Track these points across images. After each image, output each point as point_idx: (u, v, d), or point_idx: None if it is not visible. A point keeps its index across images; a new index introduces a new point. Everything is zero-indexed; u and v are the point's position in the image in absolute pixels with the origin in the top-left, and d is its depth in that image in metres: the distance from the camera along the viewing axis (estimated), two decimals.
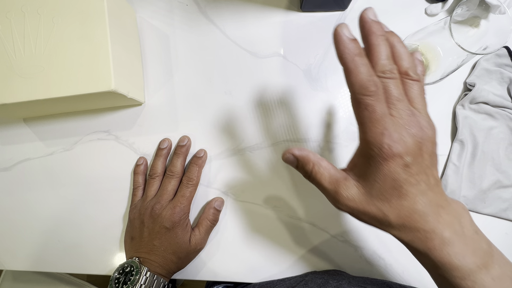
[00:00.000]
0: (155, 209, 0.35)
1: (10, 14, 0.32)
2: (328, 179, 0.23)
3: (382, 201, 0.21)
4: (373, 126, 0.20)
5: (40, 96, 0.31)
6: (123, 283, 0.31)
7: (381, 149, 0.20)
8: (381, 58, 0.21)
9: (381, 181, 0.20)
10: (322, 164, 0.23)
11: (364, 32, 0.22)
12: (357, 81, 0.20)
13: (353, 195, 0.22)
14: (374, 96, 0.20)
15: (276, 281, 0.36)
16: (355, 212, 0.22)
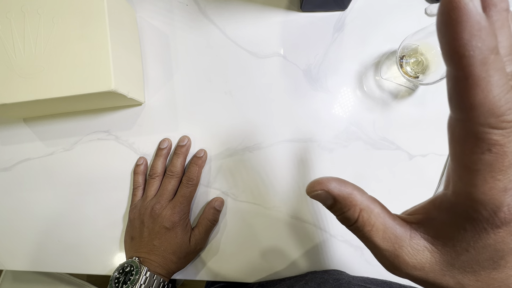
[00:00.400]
0: (155, 209, 0.35)
1: (10, 14, 0.32)
2: (383, 234, 0.15)
3: (466, 273, 0.15)
4: (493, 178, 0.13)
5: (40, 96, 0.31)
6: (123, 283, 0.31)
7: (497, 213, 0.13)
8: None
9: (477, 251, 0.14)
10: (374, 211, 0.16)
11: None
12: (487, 101, 0.11)
13: (423, 262, 0.15)
14: (509, 131, 0.11)
15: (276, 281, 0.36)
16: (418, 281, 0.16)
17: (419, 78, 0.35)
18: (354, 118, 0.39)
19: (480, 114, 0.11)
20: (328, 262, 0.37)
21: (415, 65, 0.36)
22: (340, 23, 0.40)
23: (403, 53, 0.35)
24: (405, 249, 0.15)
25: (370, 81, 0.39)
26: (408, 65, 0.36)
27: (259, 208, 0.38)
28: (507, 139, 0.11)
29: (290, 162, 0.39)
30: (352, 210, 0.16)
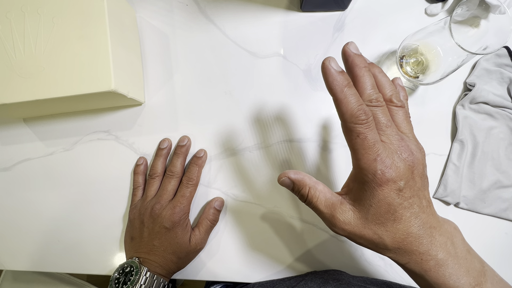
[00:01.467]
0: (155, 209, 0.35)
1: (10, 14, 0.32)
2: (324, 203, 0.23)
3: (378, 225, 0.21)
4: (366, 153, 0.20)
5: (40, 96, 0.31)
6: (123, 283, 0.31)
7: (375, 175, 0.20)
8: (367, 88, 0.22)
9: (376, 206, 0.21)
10: (318, 188, 0.24)
11: (348, 65, 0.22)
12: (348, 110, 0.20)
13: (349, 219, 0.22)
14: (365, 124, 0.20)
15: (276, 281, 0.36)
16: (351, 235, 0.22)
17: (419, 78, 0.35)
18: None
19: (347, 118, 0.20)
20: (328, 262, 0.37)
21: (415, 65, 0.36)
22: (340, 23, 0.40)
23: (403, 53, 0.35)
24: (338, 211, 0.22)
25: None
26: (408, 65, 0.36)
27: (259, 208, 0.38)
28: (366, 129, 0.20)
29: (290, 161, 0.39)
30: (304, 189, 0.24)
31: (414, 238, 0.21)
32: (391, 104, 0.24)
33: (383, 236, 0.21)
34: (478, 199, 0.37)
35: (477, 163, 0.37)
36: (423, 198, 0.22)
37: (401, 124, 0.24)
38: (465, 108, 0.38)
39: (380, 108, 0.22)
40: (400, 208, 0.21)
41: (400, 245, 0.21)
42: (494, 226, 0.37)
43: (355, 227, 0.22)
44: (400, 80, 0.28)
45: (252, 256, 0.38)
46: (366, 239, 0.22)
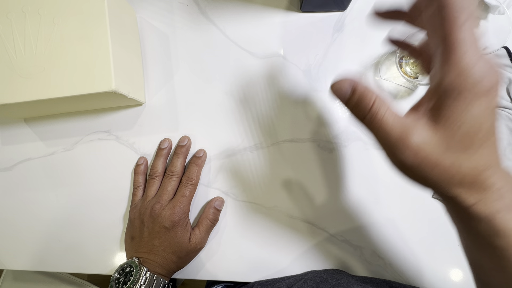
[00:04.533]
0: (155, 209, 0.35)
1: (11, 14, 0.32)
2: (393, 119, 0.17)
3: (461, 149, 0.17)
4: (472, 46, 0.15)
5: (41, 96, 0.31)
6: (123, 284, 0.31)
7: (481, 80, 0.15)
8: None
9: (469, 123, 0.16)
10: (385, 101, 0.18)
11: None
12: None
13: (427, 141, 0.17)
14: (470, 16, 0.16)
15: (276, 280, 0.36)
16: (423, 164, 0.17)
17: (418, 79, 0.35)
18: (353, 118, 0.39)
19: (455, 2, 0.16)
20: (328, 262, 0.37)
21: (415, 66, 0.36)
22: (340, 24, 0.40)
23: (402, 53, 0.35)
24: (412, 132, 0.17)
25: (370, 81, 0.39)
26: (408, 66, 0.36)
27: (259, 208, 0.39)
28: (474, 18, 0.15)
29: (290, 162, 0.39)
30: (368, 98, 0.18)
31: (494, 170, 0.17)
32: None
33: (463, 164, 0.17)
34: None
35: None
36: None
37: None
38: None
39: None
40: (492, 129, 0.17)
41: (478, 177, 0.17)
42: None
43: (434, 151, 0.17)
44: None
45: (252, 256, 0.38)
46: (441, 170, 0.17)
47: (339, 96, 0.19)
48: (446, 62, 0.16)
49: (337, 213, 0.38)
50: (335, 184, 0.38)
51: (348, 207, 0.38)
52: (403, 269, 0.37)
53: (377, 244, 0.37)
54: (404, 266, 0.37)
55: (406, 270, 0.37)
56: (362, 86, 0.18)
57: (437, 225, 0.37)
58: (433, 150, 0.17)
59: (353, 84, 0.18)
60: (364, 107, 0.18)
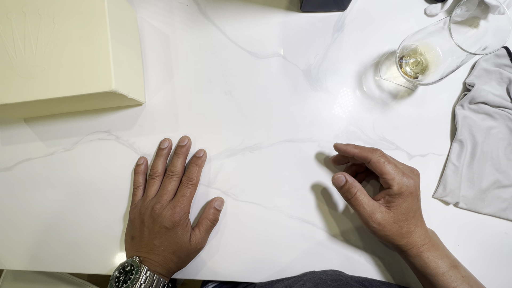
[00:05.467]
0: (155, 209, 0.35)
1: (11, 14, 0.32)
2: (367, 203, 0.32)
3: (402, 221, 0.31)
4: (396, 173, 0.31)
5: (41, 96, 0.31)
6: (123, 282, 0.31)
7: (408, 187, 0.31)
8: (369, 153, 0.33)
9: (405, 208, 0.31)
10: (363, 191, 0.32)
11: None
12: (367, 152, 0.32)
13: (384, 217, 0.31)
14: (383, 156, 0.32)
15: (275, 281, 0.36)
16: (383, 229, 0.31)
17: (418, 79, 0.35)
18: (353, 118, 0.39)
19: (371, 155, 0.32)
20: (328, 262, 0.37)
21: (415, 66, 0.36)
22: (339, 24, 0.40)
23: (402, 53, 0.35)
24: (377, 211, 0.31)
25: (370, 81, 0.39)
26: (408, 66, 0.36)
27: (259, 208, 0.39)
28: (386, 158, 0.32)
29: (290, 162, 0.39)
30: (353, 188, 0.32)
31: (419, 230, 0.32)
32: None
33: (403, 228, 0.31)
34: (477, 199, 0.37)
35: (477, 163, 0.37)
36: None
37: (397, 162, 0.33)
38: (464, 108, 0.38)
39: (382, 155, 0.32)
40: (417, 210, 0.32)
41: (410, 235, 0.31)
42: (493, 226, 0.38)
43: (388, 222, 0.31)
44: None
45: (252, 256, 0.38)
46: (392, 231, 0.31)
47: (336, 184, 0.33)
48: (389, 184, 0.31)
49: (337, 213, 0.38)
50: None
51: (348, 207, 0.38)
52: (403, 270, 0.37)
53: (377, 244, 0.37)
54: (404, 267, 0.37)
55: (406, 270, 0.37)
56: (351, 180, 0.32)
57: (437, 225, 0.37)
58: (388, 221, 0.31)
59: (346, 178, 0.33)
60: (351, 192, 0.32)
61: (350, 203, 0.33)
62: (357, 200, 0.32)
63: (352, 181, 0.32)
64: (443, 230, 0.37)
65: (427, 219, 0.33)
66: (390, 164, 0.31)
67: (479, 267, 0.37)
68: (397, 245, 0.32)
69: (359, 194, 0.32)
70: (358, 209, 0.32)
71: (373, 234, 0.32)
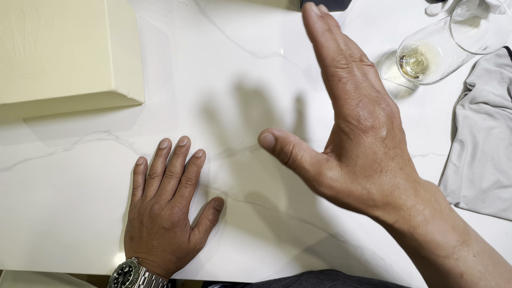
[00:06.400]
0: (154, 209, 0.35)
1: (10, 14, 0.32)
2: (310, 160, 0.21)
3: (366, 177, 0.20)
4: (348, 98, 0.20)
5: (40, 96, 0.31)
6: (121, 283, 0.31)
7: (359, 120, 0.20)
8: (341, 45, 0.21)
9: (363, 155, 0.20)
10: (302, 146, 0.22)
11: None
12: (329, 54, 0.20)
13: (337, 175, 0.21)
14: (346, 69, 0.20)
15: (272, 281, 0.36)
16: (339, 194, 0.21)
17: (419, 78, 0.35)
18: None
19: (329, 61, 0.20)
20: (328, 262, 0.37)
21: (415, 65, 0.36)
22: (340, 23, 0.40)
23: (403, 53, 0.35)
24: (324, 168, 0.21)
25: None
26: (408, 65, 0.36)
27: (259, 208, 0.38)
28: (347, 74, 0.20)
29: None
30: (287, 145, 0.22)
31: (401, 191, 0.20)
32: (362, 64, 0.23)
33: (371, 190, 0.20)
34: (478, 199, 0.37)
35: (477, 163, 0.37)
36: (404, 151, 0.21)
37: (374, 81, 0.23)
38: (465, 108, 0.38)
39: (354, 63, 0.22)
40: (385, 157, 0.20)
41: (388, 199, 0.20)
42: (494, 226, 0.37)
43: (343, 183, 0.20)
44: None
45: (251, 256, 0.38)
46: (354, 196, 0.20)
47: (266, 147, 0.23)
48: (335, 112, 0.22)
49: (337, 213, 0.38)
50: None
51: None
52: (403, 270, 0.37)
53: (377, 244, 0.37)
54: (404, 267, 0.36)
55: (406, 271, 0.37)
56: (282, 136, 0.22)
57: None
58: (342, 182, 0.20)
59: (275, 135, 0.22)
60: (285, 152, 0.22)
61: (289, 167, 0.23)
62: (294, 160, 0.22)
63: (284, 136, 0.22)
64: None
65: None
66: (348, 83, 0.20)
67: None
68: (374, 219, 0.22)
69: (297, 150, 0.22)
70: (300, 174, 0.22)
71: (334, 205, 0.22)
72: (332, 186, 0.21)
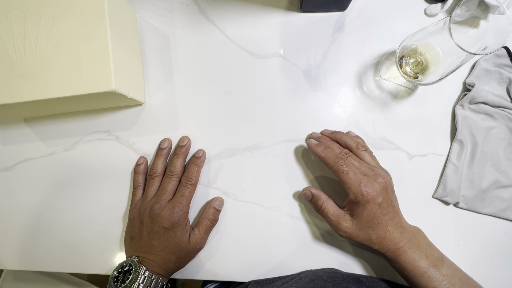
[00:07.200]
0: (154, 209, 0.35)
1: (10, 14, 0.32)
2: (332, 213, 0.34)
3: (367, 228, 0.32)
4: (353, 182, 0.31)
5: (41, 96, 0.31)
6: (121, 282, 0.31)
7: (362, 196, 0.31)
8: (336, 151, 0.34)
9: (366, 216, 0.32)
10: (329, 202, 0.34)
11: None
12: (330, 160, 0.33)
13: (349, 225, 0.33)
14: (344, 164, 0.32)
15: (272, 279, 0.37)
16: (351, 236, 0.32)
17: (418, 78, 0.35)
18: (353, 118, 0.39)
19: (333, 164, 0.33)
20: (328, 261, 0.37)
21: (415, 66, 0.36)
22: (340, 24, 0.40)
23: (402, 53, 0.35)
24: (342, 220, 0.33)
25: (370, 81, 0.39)
26: (408, 65, 0.36)
27: (259, 208, 0.39)
28: (346, 167, 0.32)
29: (290, 162, 0.39)
30: (319, 201, 0.35)
31: (390, 234, 0.32)
32: (358, 150, 0.34)
33: (371, 235, 0.32)
34: (477, 199, 0.37)
35: (477, 163, 0.37)
36: (394, 207, 0.33)
37: (369, 161, 0.34)
38: (464, 108, 0.38)
39: (350, 156, 0.33)
40: (381, 215, 0.32)
41: (381, 240, 0.32)
42: (493, 226, 0.38)
43: (354, 230, 0.32)
44: (351, 133, 0.38)
45: (251, 256, 0.38)
46: (360, 238, 0.32)
47: (305, 198, 0.37)
48: (346, 190, 0.32)
49: None
50: (335, 184, 0.38)
51: None
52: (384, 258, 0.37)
53: None
54: None
55: None
56: (317, 194, 0.35)
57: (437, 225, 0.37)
58: (353, 229, 0.32)
59: (312, 192, 0.36)
60: (317, 205, 0.35)
61: (319, 214, 0.35)
62: (323, 211, 0.34)
63: (317, 194, 0.35)
64: (443, 230, 0.37)
65: (427, 219, 0.33)
66: (350, 173, 0.31)
67: (479, 267, 0.37)
68: (372, 250, 0.33)
69: (325, 205, 0.34)
70: (326, 219, 0.34)
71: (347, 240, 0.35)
72: (346, 231, 0.33)
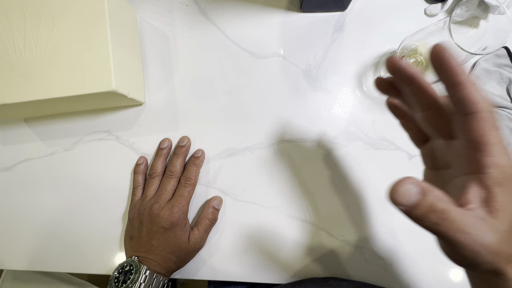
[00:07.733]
0: (153, 209, 0.35)
1: (11, 14, 0.32)
2: (466, 222, 0.16)
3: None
4: (504, 146, 0.17)
5: (41, 96, 0.31)
6: (122, 282, 0.31)
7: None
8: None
9: None
10: (450, 203, 0.16)
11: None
12: (482, 97, 0.17)
13: (498, 237, 0.16)
14: (495, 115, 0.18)
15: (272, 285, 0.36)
16: (497, 259, 0.17)
17: None
18: (353, 118, 0.39)
19: (482, 107, 0.17)
20: (328, 262, 0.37)
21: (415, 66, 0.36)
22: (340, 24, 0.40)
23: (402, 53, 0.35)
24: (484, 231, 0.16)
25: (370, 81, 0.39)
26: None
27: (259, 208, 0.39)
28: (497, 121, 0.18)
29: (290, 162, 0.39)
30: (440, 203, 0.16)
31: None
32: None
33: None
34: None
35: None
36: None
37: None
38: None
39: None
40: None
41: None
42: None
43: (503, 242, 0.16)
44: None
45: (251, 256, 0.38)
46: (501, 257, 0.17)
47: (402, 202, 0.16)
48: (480, 162, 0.17)
49: (337, 213, 0.38)
50: (335, 184, 0.38)
51: (348, 207, 0.38)
52: (403, 270, 0.37)
53: (377, 244, 0.37)
54: (404, 267, 0.37)
55: (406, 270, 0.37)
56: (432, 192, 0.16)
57: None
58: (503, 242, 0.17)
59: (422, 188, 0.16)
60: (437, 214, 0.16)
61: (435, 232, 0.17)
62: (449, 222, 0.16)
63: (435, 194, 0.16)
64: None
65: None
66: (500, 130, 0.17)
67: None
68: (495, 271, 0.18)
69: (451, 210, 0.16)
70: (453, 238, 0.16)
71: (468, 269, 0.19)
72: (496, 251, 0.17)
